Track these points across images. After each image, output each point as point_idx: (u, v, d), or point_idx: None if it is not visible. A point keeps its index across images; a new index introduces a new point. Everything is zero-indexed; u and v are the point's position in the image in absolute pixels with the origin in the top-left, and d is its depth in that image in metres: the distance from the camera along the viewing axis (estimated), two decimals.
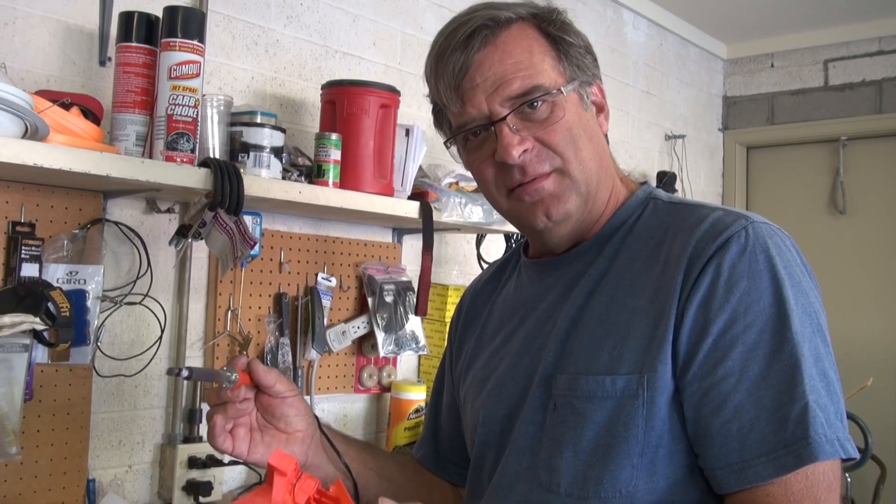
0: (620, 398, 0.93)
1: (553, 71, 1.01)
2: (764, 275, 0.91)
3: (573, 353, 0.99)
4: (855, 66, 3.69)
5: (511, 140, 0.98)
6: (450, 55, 1.00)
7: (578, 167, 1.00)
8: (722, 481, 0.89)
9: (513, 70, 0.98)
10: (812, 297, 0.93)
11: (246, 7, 2.01)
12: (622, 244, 1.03)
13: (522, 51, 1.00)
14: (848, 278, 3.61)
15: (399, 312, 2.17)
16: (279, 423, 1.05)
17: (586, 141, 1.01)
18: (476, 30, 0.99)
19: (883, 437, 2.99)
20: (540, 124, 0.99)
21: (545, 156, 0.99)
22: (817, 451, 0.84)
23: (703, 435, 0.90)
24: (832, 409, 0.88)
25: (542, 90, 0.99)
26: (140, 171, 1.45)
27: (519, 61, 0.99)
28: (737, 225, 0.94)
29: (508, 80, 0.98)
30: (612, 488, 0.92)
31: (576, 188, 1.01)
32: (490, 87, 0.99)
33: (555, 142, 0.99)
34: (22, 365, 1.45)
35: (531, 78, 0.99)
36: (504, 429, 1.05)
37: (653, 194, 1.08)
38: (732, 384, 0.88)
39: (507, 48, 0.99)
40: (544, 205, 1.01)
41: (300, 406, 1.06)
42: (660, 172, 3.43)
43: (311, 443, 1.07)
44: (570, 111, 1.00)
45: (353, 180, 1.87)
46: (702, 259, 0.93)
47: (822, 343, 0.91)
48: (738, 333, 0.89)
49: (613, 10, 3.30)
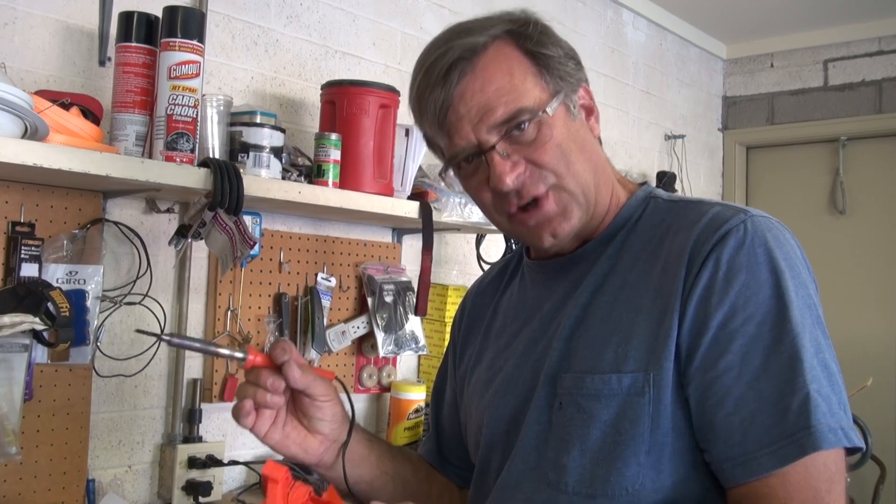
0: (626, 396, 0.93)
1: (536, 88, 1.00)
2: (763, 267, 0.91)
3: (578, 352, 0.99)
4: (855, 66, 3.69)
5: (503, 168, 0.98)
6: (430, 93, 1.00)
7: (573, 180, 1.01)
8: (728, 475, 0.89)
9: (495, 97, 0.98)
10: (811, 289, 0.94)
11: (246, 7, 2.01)
12: (624, 244, 1.04)
13: (502, 74, 0.99)
14: (848, 278, 3.61)
15: (399, 312, 2.17)
16: (304, 419, 1.05)
17: (578, 152, 1.01)
18: (453, 64, 0.98)
19: (883, 437, 3.00)
20: (529, 146, 0.99)
21: (539, 176, 1.00)
22: (820, 440, 0.84)
23: (707, 429, 0.91)
24: (834, 398, 0.88)
25: (527, 112, 0.98)
26: (140, 171, 1.45)
27: (500, 87, 0.98)
28: (735, 219, 0.94)
29: (492, 107, 0.98)
30: (618, 486, 0.93)
31: (576, 201, 1.01)
32: (475, 117, 0.98)
33: (546, 161, 0.99)
34: (22, 365, 1.45)
35: (514, 102, 0.98)
36: (510, 429, 1.05)
37: (653, 194, 1.08)
38: (734, 377, 0.89)
39: (487, 74, 0.98)
40: (550, 226, 1.02)
41: (329, 413, 1.05)
42: (660, 172, 3.43)
43: (330, 447, 1.07)
44: (558, 127, 1.00)
45: (352, 180, 1.87)
46: (701, 254, 0.93)
47: (822, 334, 0.92)
48: (737, 326, 0.90)
49: (613, 10, 3.30)
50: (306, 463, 1.07)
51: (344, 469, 1.08)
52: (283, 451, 1.05)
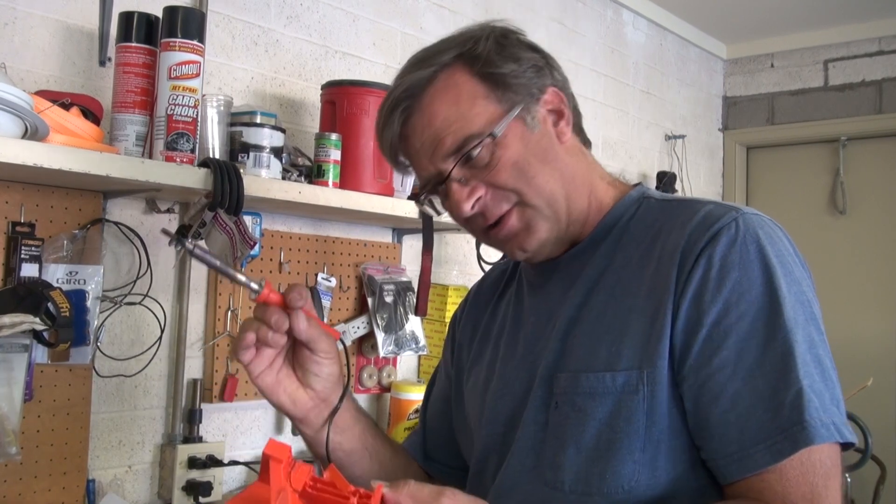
0: (621, 394, 0.94)
1: (486, 111, 1.00)
2: (755, 264, 0.91)
3: (573, 352, 1.00)
4: (855, 66, 3.68)
5: (460, 196, 1.00)
6: (381, 134, 1.06)
7: (536, 194, 1.01)
8: (724, 471, 0.90)
9: (443, 128, 0.99)
10: (805, 285, 0.94)
11: (246, 7, 2.01)
12: (617, 243, 1.04)
13: (448, 105, 1.00)
14: (848, 278, 3.61)
15: (399, 312, 2.17)
16: (299, 371, 1.03)
17: (539, 165, 1.01)
18: (396, 104, 1.02)
19: (883, 437, 2.99)
20: (484, 169, 1.00)
21: (499, 196, 1.01)
22: (812, 435, 0.85)
23: (702, 426, 0.91)
24: (827, 394, 0.88)
25: (475, 138, 0.99)
26: (140, 171, 1.45)
27: (446, 117, 0.99)
28: (727, 217, 0.95)
29: (441, 138, 0.99)
30: (614, 484, 0.93)
31: (541, 214, 1.02)
32: (429, 150, 1.01)
33: (503, 181, 1.00)
34: (22, 365, 1.45)
35: (461, 130, 0.99)
36: (507, 430, 1.06)
37: (646, 194, 1.09)
38: (728, 374, 0.89)
39: (433, 108, 1.00)
40: (517, 240, 1.04)
41: (326, 371, 1.03)
42: (660, 172, 3.43)
43: (319, 405, 1.05)
44: (513, 146, 1.00)
45: (352, 180, 1.87)
46: (694, 252, 0.93)
47: (816, 330, 0.92)
48: (731, 323, 0.90)
49: (613, 10, 3.30)
50: (291, 415, 1.05)
51: (329, 432, 1.07)
52: (272, 397, 1.02)
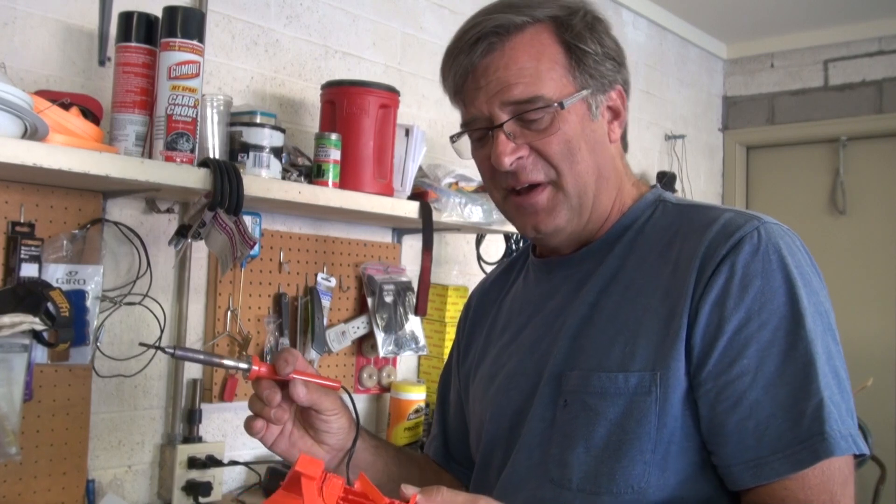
0: (633, 395, 0.94)
1: (561, 80, 1.00)
2: (777, 274, 0.92)
3: (584, 350, 1.00)
4: (855, 66, 3.68)
5: (504, 148, 0.99)
6: (455, 57, 1.02)
7: (573, 180, 1.01)
8: (738, 478, 0.90)
9: (516, 76, 0.99)
10: (822, 296, 0.95)
11: (246, 7, 2.01)
12: (632, 245, 1.04)
13: (529, 58, 0.99)
14: (848, 278, 3.61)
15: (399, 312, 2.17)
16: (311, 430, 1.04)
17: (586, 153, 1.02)
18: (483, 36, 1.00)
19: (883, 437, 3.00)
20: (538, 133, 1.00)
21: (540, 165, 1.01)
22: (833, 447, 0.85)
23: (718, 432, 0.91)
24: (844, 406, 0.89)
25: (543, 101, 0.99)
26: (140, 171, 1.45)
27: (524, 68, 0.99)
28: (749, 226, 0.95)
29: (511, 84, 0.99)
30: (624, 484, 0.93)
31: (568, 202, 1.02)
32: (492, 91, 1.00)
33: (550, 152, 1.00)
34: (21, 365, 1.45)
35: (534, 86, 0.98)
36: (513, 425, 1.06)
37: (662, 197, 1.09)
38: (748, 382, 0.89)
39: (515, 54, 0.99)
40: (536, 217, 1.03)
41: (336, 426, 1.04)
42: (660, 172, 3.43)
43: (336, 455, 1.06)
44: (572, 123, 1.00)
45: (352, 180, 1.87)
46: (715, 259, 0.93)
47: (833, 341, 0.93)
48: (752, 332, 0.90)
49: (613, 10, 3.30)
50: None
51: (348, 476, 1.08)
52: (290, 459, 1.04)
